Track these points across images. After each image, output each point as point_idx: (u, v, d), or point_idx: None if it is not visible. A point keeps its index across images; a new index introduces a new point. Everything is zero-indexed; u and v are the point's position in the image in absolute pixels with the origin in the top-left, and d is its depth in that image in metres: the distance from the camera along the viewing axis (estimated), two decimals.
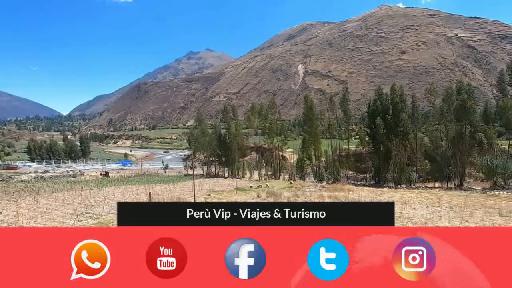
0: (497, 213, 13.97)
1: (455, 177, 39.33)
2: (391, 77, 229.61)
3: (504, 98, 44.29)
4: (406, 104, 45.36)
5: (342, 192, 23.10)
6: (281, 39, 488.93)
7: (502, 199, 20.10)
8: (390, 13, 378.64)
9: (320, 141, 50.67)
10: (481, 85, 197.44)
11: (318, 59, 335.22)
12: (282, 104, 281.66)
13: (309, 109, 49.28)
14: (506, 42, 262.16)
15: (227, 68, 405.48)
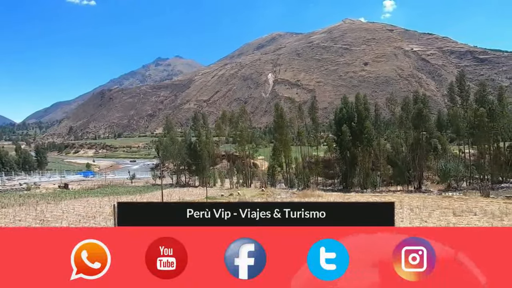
0: (451, 213, 15.12)
1: (414, 180, 42.10)
2: (355, 86, 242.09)
3: (454, 107, 48.62)
4: (369, 112, 48.09)
5: (312, 198, 23.63)
6: (251, 48, 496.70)
7: (455, 200, 21.82)
8: (353, 27, 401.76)
9: (290, 148, 51.69)
10: (435, 95, 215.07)
11: (287, 69, 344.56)
12: (253, 112, 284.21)
13: (279, 117, 50.23)
14: (454, 57, 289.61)
15: (197, 76, 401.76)
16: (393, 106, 49.57)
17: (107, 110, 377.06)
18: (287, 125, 50.95)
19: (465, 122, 44.46)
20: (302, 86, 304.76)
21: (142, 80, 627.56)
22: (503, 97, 46.25)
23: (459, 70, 68.07)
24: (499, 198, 22.01)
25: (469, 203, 19.06)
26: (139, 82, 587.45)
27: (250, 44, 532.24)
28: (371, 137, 44.71)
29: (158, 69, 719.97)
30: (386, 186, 44.25)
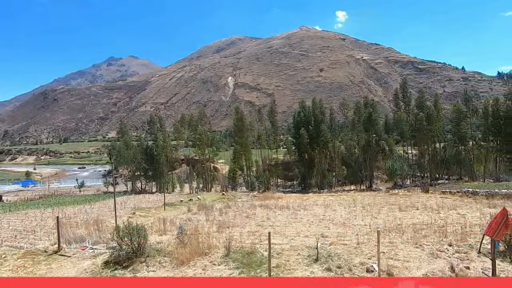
0: (397, 208, 16.44)
1: (366, 179, 45.10)
2: (312, 91, 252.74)
3: (398, 112, 53.32)
4: (325, 116, 50.54)
5: (272, 200, 23.98)
6: (211, 51, 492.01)
7: (400, 196, 23.81)
8: (309, 34, 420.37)
9: (251, 151, 52.02)
10: (382, 100, 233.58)
11: (247, 72, 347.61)
12: (213, 115, 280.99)
13: (239, 120, 50.32)
14: (398, 66, 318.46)
15: (154, 77, 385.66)
16: (346, 110, 52.79)
17: (51, 112, 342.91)
18: (247, 128, 51.25)
19: (408, 125, 49.01)
20: (261, 90, 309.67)
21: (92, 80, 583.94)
22: (438, 103, 52.01)
23: (402, 78, 74.89)
24: (436, 193, 24.55)
25: (412, 199, 20.94)
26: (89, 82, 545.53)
27: (209, 47, 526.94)
28: (327, 139, 46.93)
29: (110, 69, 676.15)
30: (341, 186, 46.71)
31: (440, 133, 49.82)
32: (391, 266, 6.87)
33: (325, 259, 7.47)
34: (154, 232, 11.27)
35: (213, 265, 7.44)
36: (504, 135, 41.98)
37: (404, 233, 9.84)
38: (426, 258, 7.48)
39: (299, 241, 9.30)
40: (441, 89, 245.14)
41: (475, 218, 12.46)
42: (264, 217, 14.47)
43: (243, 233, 10.68)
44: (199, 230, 10.92)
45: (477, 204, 17.08)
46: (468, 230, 9.83)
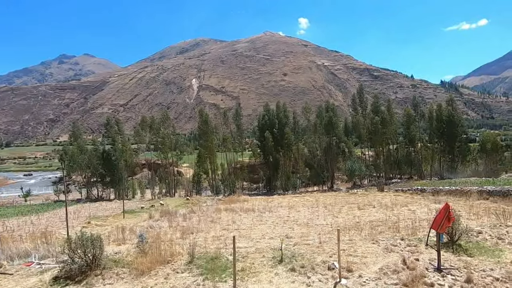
0: (356, 207, 17.35)
1: (328, 180, 47.04)
2: (276, 95, 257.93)
3: (356, 116, 56.61)
4: (289, 119, 51.84)
5: (238, 203, 23.88)
6: (174, 52, 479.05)
7: (359, 195, 25.18)
8: (273, 39, 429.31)
9: (216, 154, 51.44)
10: (342, 105, 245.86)
11: (211, 75, 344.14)
12: (177, 118, 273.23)
13: (204, 123, 49.53)
14: (356, 73, 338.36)
15: (112, 77, 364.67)
16: (309, 114, 54.68)
17: None
18: (212, 131, 50.60)
19: (365, 129, 52.27)
20: (226, 93, 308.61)
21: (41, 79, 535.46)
22: (391, 108, 56.18)
23: (359, 84, 79.70)
24: (390, 192, 26.40)
25: (369, 198, 22.26)
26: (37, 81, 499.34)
27: (173, 47, 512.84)
28: (291, 142, 48.13)
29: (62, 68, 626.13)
30: (305, 187, 48.13)
31: (393, 136, 53.84)
32: (351, 262, 7.21)
33: (289, 260, 7.60)
34: (112, 242, 10.58)
35: (176, 273, 7.18)
36: (446, 138, 46.69)
37: (362, 231, 10.39)
38: (381, 253, 7.97)
39: (264, 243, 9.36)
40: (393, 95, 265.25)
41: (423, 213, 13.58)
42: (230, 221, 14.35)
43: (208, 238, 10.48)
44: (162, 237, 10.49)
45: (425, 200, 18.66)
46: (417, 225, 10.69)
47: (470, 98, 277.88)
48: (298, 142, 52.44)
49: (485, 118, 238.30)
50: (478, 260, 7.27)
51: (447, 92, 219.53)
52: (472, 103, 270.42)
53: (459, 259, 7.32)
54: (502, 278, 6.21)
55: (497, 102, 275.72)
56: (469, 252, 7.84)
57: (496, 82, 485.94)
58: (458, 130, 47.20)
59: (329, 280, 6.50)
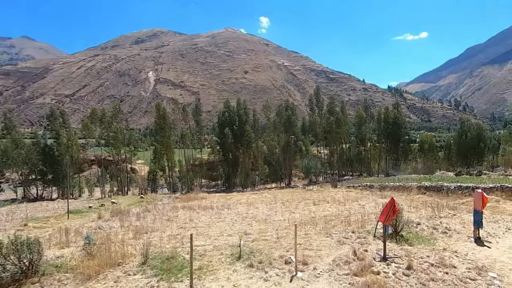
0: (312, 203, 18.09)
1: (285, 177, 48.39)
2: (237, 92, 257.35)
3: (313, 116, 59.01)
4: (249, 117, 52.08)
5: (196, 201, 23.33)
6: (128, 41, 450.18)
7: (314, 192, 26.31)
8: (235, 36, 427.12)
9: (174, 151, 49.66)
10: (300, 104, 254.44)
11: (170, 68, 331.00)
12: (131, 112, 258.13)
13: (161, 118, 47.37)
14: (313, 74, 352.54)
15: (56, 64, 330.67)
16: (269, 112, 55.59)
17: None
18: (170, 126, 48.62)
19: (320, 128, 54.75)
20: (186, 87, 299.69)
21: None
22: (345, 109, 59.68)
23: (316, 85, 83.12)
24: (343, 188, 28.07)
25: (324, 194, 23.38)
26: None
27: (127, 37, 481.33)
28: (251, 139, 48.45)
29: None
30: (264, 184, 48.92)
31: (346, 136, 57.31)
32: (306, 256, 7.47)
33: (247, 256, 7.63)
34: (54, 245, 9.59)
35: (128, 276, 6.75)
36: (392, 138, 51.08)
37: (317, 225, 10.85)
38: (335, 245, 8.40)
39: (223, 241, 9.27)
40: (347, 97, 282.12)
41: (371, 207, 14.65)
42: (187, 219, 13.95)
43: (164, 237, 10.06)
44: (112, 238, 9.79)
45: (373, 196, 20.16)
46: (366, 218, 11.48)
47: (412, 103, 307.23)
48: (258, 139, 53.01)
49: (424, 121, 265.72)
50: (417, 249, 8.05)
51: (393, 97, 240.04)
52: (413, 107, 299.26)
53: (402, 248, 8.03)
54: (436, 264, 6.97)
55: (434, 107, 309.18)
56: (410, 242, 8.65)
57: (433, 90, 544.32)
58: (402, 132, 51.90)
59: (285, 274, 6.66)
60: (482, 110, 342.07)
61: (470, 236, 9.12)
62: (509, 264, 7.10)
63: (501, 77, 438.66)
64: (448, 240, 8.94)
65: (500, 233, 9.51)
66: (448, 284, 6.10)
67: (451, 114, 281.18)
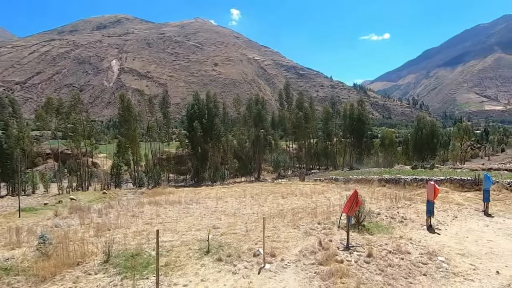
0: (280, 196, 18.46)
1: (255, 171, 48.77)
2: (206, 85, 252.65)
3: (282, 110, 59.88)
4: (219, 110, 51.49)
5: (163, 195, 22.68)
6: (89, 27, 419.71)
7: (283, 185, 26.86)
8: (205, 27, 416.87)
9: (139, 144, 47.67)
10: (270, 99, 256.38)
11: (135, 57, 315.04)
12: (92, 102, 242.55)
13: (126, 110, 45.06)
14: (283, 69, 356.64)
15: (4, 48, 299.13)
16: (239, 106, 55.38)
17: None
18: (135, 119, 46.46)
19: (290, 123, 55.76)
20: (153, 78, 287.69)
21: None
22: (313, 105, 61.32)
23: (286, 80, 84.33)
24: (310, 181, 28.98)
25: (292, 187, 23.97)
26: None
27: (87, 21, 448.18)
28: (220, 133, 48.02)
29: None
30: (233, 178, 48.89)
31: (314, 131, 59.01)
32: (274, 248, 7.63)
33: (216, 250, 7.60)
34: (2, 246, 8.78)
35: (88, 275, 6.40)
36: (356, 133, 53.60)
37: (285, 218, 11.10)
38: (301, 236, 8.66)
39: (191, 236, 9.14)
40: (315, 93, 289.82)
41: (336, 199, 15.30)
42: (153, 214, 13.53)
43: (128, 234, 9.67)
44: (71, 237, 9.20)
45: (338, 188, 21.07)
46: (331, 210, 11.98)
47: (375, 101, 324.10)
48: (228, 133, 52.68)
49: (385, 118, 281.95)
50: (377, 237, 8.57)
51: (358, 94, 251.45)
52: (376, 104, 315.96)
53: (363, 237, 8.50)
54: (393, 251, 7.49)
55: (394, 105, 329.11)
56: (371, 231, 9.19)
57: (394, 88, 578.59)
58: (365, 128, 54.67)
59: (254, 266, 6.74)
60: (436, 109, 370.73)
61: (423, 224, 9.91)
62: (455, 249, 7.84)
63: (453, 78, 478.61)
64: (404, 228, 9.64)
65: (448, 221, 10.45)
66: (404, 269, 6.59)
67: (409, 112, 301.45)
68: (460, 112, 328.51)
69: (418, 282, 6.07)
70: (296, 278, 6.23)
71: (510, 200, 13.41)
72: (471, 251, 7.70)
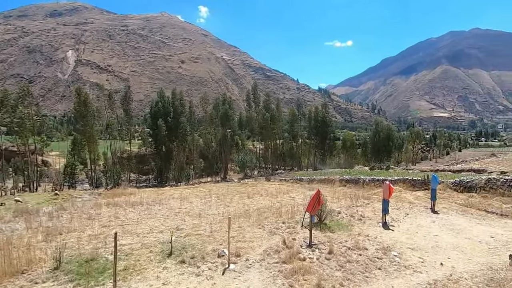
0: (246, 196, 18.50)
1: (221, 171, 48.39)
2: (172, 82, 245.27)
3: (250, 111, 60.22)
4: (185, 108, 50.24)
5: (123, 196, 21.53)
6: (41, 13, 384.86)
7: (249, 185, 26.95)
8: (171, 22, 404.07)
9: (98, 142, 44.79)
10: (238, 99, 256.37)
11: (95, 49, 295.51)
12: (44, 96, 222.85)
13: (82, 105, 42.00)
14: (251, 70, 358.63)
15: None
16: (206, 105, 54.55)
17: None
18: (93, 115, 43.53)
19: (256, 123, 56.24)
20: (114, 72, 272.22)
21: None
22: (279, 106, 62.45)
23: (254, 81, 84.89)
24: (276, 181, 29.45)
25: (258, 187, 24.15)
26: None
27: (40, 7, 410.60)
28: (186, 132, 46.89)
29: None
30: (199, 178, 48.00)
31: (280, 132, 60.15)
32: (239, 248, 7.61)
33: (179, 252, 7.38)
34: None
35: (35, 284, 5.85)
36: (320, 135, 55.66)
37: (250, 217, 11.14)
38: (266, 236, 8.76)
39: (153, 238, 8.77)
40: (282, 95, 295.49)
41: (300, 199, 15.72)
42: (112, 217, 12.76)
43: (83, 238, 9.01)
44: (15, 243, 8.34)
45: (302, 188, 21.67)
46: (296, 209, 12.28)
47: (338, 104, 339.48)
48: (194, 132, 51.62)
49: (347, 121, 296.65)
50: (337, 235, 8.96)
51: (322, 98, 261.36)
52: (339, 108, 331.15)
53: (325, 235, 8.83)
54: (352, 247, 7.88)
55: (355, 109, 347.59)
56: (332, 229, 9.58)
57: (355, 93, 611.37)
58: (329, 130, 57.03)
59: (218, 267, 6.67)
60: (392, 114, 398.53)
61: (379, 222, 10.57)
62: (407, 244, 8.48)
63: (407, 86, 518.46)
64: (362, 225, 10.20)
65: (401, 218, 11.27)
66: (361, 264, 6.96)
67: (369, 116, 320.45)
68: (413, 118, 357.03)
69: (374, 276, 6.45)
70: (260, 277, 6.28)
71: (453, 198, 14.85)
72: (420, 245, 8.38)
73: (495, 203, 13.53)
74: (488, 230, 9.83)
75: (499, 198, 14.07)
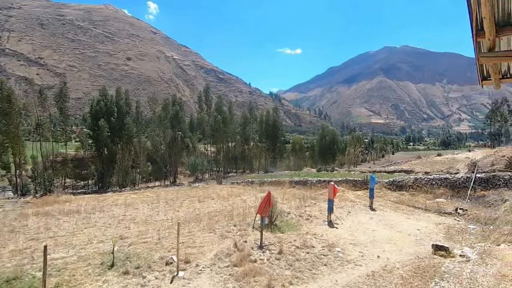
0: (197, 200, 18.04)
1: (170, 175, 46.42)
2: (117, 80, 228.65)
3: (201, 113, 59.14)
4: (131, 108, 47.15)
5: (56, 205, 19.24)
6: None
7: (200, 189, 26.36)
8: (117, 16, 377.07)
9: (25, 143, 39.40)
10: (188, 100, 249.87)
11: (23, 38, 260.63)
12: None
13: (5, 101, 36.56)
14: (203, 72, 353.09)
15: None
16: (154, 105, 51.95)
17: None
18: (19, 112, 38.19)
19: (208, 126, 55.44)
20: (46, 66, 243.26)
21: None
22: (232, 109, 62.52)
23: (206, 83, 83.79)
24: (227, 184, 29.32)
25: (209, 191, 23.76)
26: None
27: None
28: (132, 134, 44.03)
29: None
30: (146, 183, 45.36)
31: (232, 134, 60.16)
32: (189, 254, 7.36)
33: (122, 263, 6.85)
34: None
35: None
36: (271, 138, 57.15)
37: (201, 222, 10.88)
38: (217, 240, 8.63)
39: (91, 249, 7.99)
40: (234, 98, 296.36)
41: (252, 201, 15.89)
42: (42, 228, 11.30)
43: (4, 254, 7.80)
44: None
45: (254, 191, 21.93)
46: (247, 212, 12.36)
47: (288, 109, 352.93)
48: (141, 134, 48.73)
49: (296, 125, 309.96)
50: (287, 235, 9.25)
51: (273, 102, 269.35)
52: (289, 113, 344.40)
53: (275, 236, 9.04)
54: (300, 246, 8.20)
55: (304, 114, 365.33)
56: (282, 229, 9.86)
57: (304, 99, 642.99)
58: (279, 133, 58.90)
59: (166, 275, 6.35)
60: (336, 119, 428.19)
61: (325, 220, 11.22)
62: (349, 240, 9.13)
63: (349, 94, 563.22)
64: (310, 224, 10.71)
65: (344, 216, 12.12)
66: (309, 261, 7.28)
67: (316, 121, 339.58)
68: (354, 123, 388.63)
69: (320, 272, 6.80)
70: (211, 282, 6.15)
71: (388, 196, 16.50)
72: (360, 240, 9.10)
73: (420, 199, 15.42)
74: (416, 224, 11.14)
75: (424, 195, 16.08)
